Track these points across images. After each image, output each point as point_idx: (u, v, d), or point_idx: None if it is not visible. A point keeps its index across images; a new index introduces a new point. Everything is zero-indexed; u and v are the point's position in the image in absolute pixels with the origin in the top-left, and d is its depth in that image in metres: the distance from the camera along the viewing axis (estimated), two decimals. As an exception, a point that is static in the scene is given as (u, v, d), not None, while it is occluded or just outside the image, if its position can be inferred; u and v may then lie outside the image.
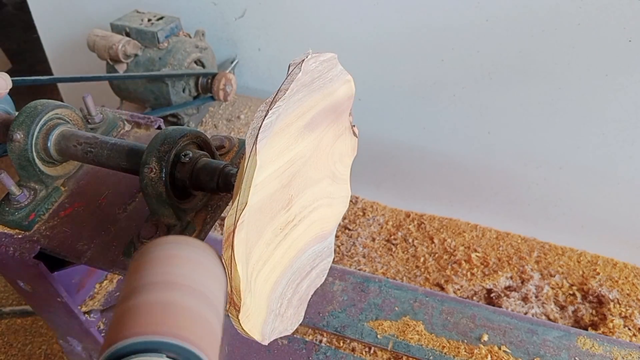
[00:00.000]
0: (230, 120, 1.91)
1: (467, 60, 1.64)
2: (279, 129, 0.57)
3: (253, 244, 0.56)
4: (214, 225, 0.79)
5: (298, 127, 0.63)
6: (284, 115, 0.57)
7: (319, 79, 0.66)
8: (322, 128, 0.71)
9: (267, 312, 0.61)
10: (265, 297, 0.60)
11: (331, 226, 0.78)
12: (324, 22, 1.77)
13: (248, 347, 1.12)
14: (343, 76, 0.73)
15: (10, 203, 0.81)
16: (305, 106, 0.64)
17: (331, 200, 0.77)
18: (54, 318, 1.01)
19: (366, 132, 1.06)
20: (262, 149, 0.53)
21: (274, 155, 0.58)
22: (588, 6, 1.40)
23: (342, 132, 0.79)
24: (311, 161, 0.69)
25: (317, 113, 0.68)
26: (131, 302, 0.49)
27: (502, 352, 0.99)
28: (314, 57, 0.63)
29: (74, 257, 0.77)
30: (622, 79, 1.48)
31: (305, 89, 0.63)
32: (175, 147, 0.70)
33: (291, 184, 0.64)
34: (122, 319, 0.48)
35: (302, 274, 0.68)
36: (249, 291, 0.56)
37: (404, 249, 1.91)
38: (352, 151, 0.84)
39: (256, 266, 0.58)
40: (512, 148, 1.78)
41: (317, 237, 0.72)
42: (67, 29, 2.23)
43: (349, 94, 0.77)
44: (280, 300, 0.63)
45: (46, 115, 0.78)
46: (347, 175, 0.84)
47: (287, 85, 0.57)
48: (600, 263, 1.82)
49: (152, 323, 0.47)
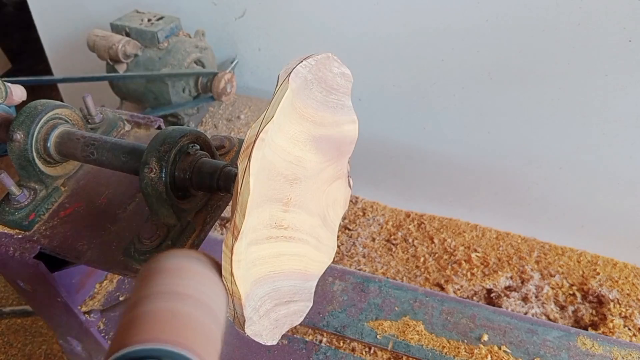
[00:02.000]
0: (230, 120, 1.91)
1: (467, 60, 1.64)
2: (299, 103, 0.60)
3: (255, 200, 0.56)
4: (214, 225, 0.79)
5: (308, 131, 0.65)
6: (304, 96, 0.61)
7: (335, 92, 0.69)
8: (326, 158, 0.72)
9: (248, 294, 0.60)
10: (249, 280, 0.59)
11: (314, 271, 0.77)
12: (324, 22, 1.77)
13: (248, 347, 1.12)
14: (351, 114, 0.77)
15: (10, 203, 0.81)
16: (315, 111, 0.65)
17: (319, 243, 0.76)
18: (54, 318, 1.01)
19: (366, 132, 1.06)
20: (293, 89, 0.56)
21: (290, 127, 0.60)
22: (588, 6, 1.40)
23: (339, 177, 0.80)
24: (311, 183, 0.69)
25: (325, 137, 0.70)
26: (137, 310, 0.51)
27: (502, 352, 0.99)
28: (337, 60, 0.67)
29: (74, 257, 0.77)
30: (622, 79, 1.48)
31: (323, 90, 0.66)
32: (175, 147, 0.70)
33: (293, 186, 0.64)
34: (127, 326, 0.50)
35: (281, 297, 0.67)
36: (244, 234, 0.55)
37: (404, 249, 1.91)
38: (344, 203, 0.84)
39: (251, 234, 0.58)
40: (512, 148, 1.78)
41: (300, 273, 0.72)
42: (67, 29, 2.23)
43: (352, 137, 0.80)
44: (260, 301, 0.63)
45: (46, 115, 0.78)
46: (336, 226, 0.83)
47: (315, 60, 0.61)
48: (600, 263, 1.82)
49: (155, 331, 0.49)
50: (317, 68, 0.63)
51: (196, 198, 0.76)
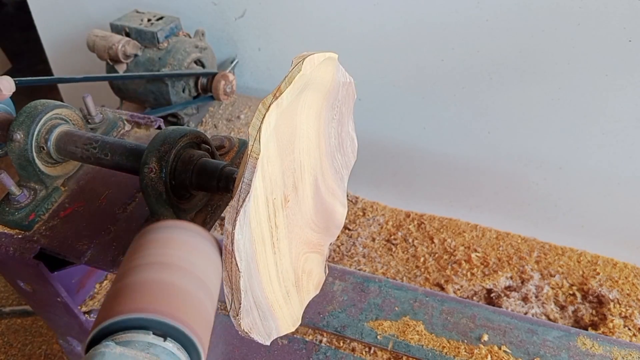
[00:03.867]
0: (230, 120, 1.91)
1: (467, 60, 1.64)
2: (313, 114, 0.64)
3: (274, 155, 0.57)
4: (214, 225, 0.79)
5: (315, 167, 0.69)
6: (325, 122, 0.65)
7: (342, 155, 0.75)
8: (316, 216, 0.73)
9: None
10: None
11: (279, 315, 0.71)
12: (324, 22, 1.77)
13: (248, 347, 1.12)
14: (344, 196, 0.80)
15: (10, 203, 0.81)
16: (326, 156, 0.70)
17: (287, 297, 0.70)
18: (54, 318, 1.01)
19: (366, 132, 1.07)
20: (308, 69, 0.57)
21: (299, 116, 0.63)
22: (588, 6, 1.40)
23: (320, 252, 0.77)
24: (299, 219, 0.68)
25: (322, 196, 0.72)
26: (124, 281, 0.50)
27: (502, 352, 0.99)
28: (352, 121, 0.72)
29: (74, 257, 0.77)
30: (622, 79, 1.48)
31: (337, 140, 0.73)
32: (175, 147, 0.70)
33: (288, 195, 0.64)
34: (113, 297, 0.49)
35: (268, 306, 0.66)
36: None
37: (404, 249, 1.91)
38: (317, 286, 0.80)
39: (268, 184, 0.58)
40: (512, 148, 1.78)
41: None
42: (67, 29, 2.23)
43: (339, 222, 0.82)
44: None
45: (46, 115, 0.78)
46: (304, 302, 0.76)
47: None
48: (600, 263, 1.82)
49: (141, 301, 0.47)
50: (343, 113, 0.64)
51: (196, 198, 0.76)
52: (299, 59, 0.56)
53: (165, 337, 0.45)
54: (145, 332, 0.45)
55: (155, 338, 0.45)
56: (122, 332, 0.45)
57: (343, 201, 0.82)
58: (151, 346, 0.44)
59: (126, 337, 0.44)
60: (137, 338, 0.44)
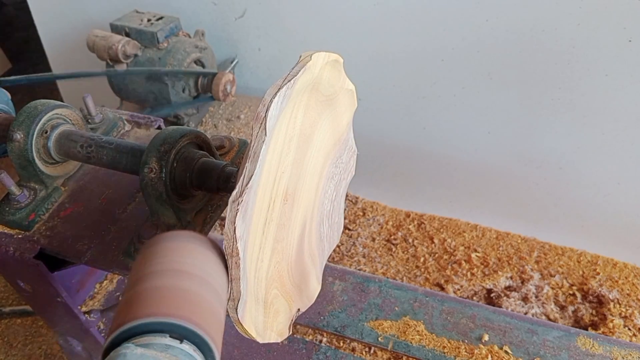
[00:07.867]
0: (230, 120, 1.91)
1: (467, 60, 1.64)
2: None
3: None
4: (214, 225, 0.79)
5: (305, 214, 0.68)
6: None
7: (330, 228, 0.74)
8: (297, 278, 0.72)
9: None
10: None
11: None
12: (324, 22, 1.77)
13: (248, 347, 1.12)
14: (320, 273, 0.79)
15: (10, 203, 0.81)
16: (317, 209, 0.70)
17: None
18: (54, 318, 1.01)
19: (366, 132, 1.07)
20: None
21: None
22: (588, 6, 1.40)
23: (288, 301, 0.72)
24: (285, 243, 0.67)
25: (302, 257, 0.70)
26: (138, 288, 0.51)
27: (503, 352, 0.99)
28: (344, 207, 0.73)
29: (74, 257, 0.77)
30: (622, 79, 1.48)
31: (329, 214, 0.72)
32: (175, 147, 0.70)
33: (288, 197, 0.64)
34: (129, 303, 0.50)
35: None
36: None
37: (404, 249, 1.91)
38: (278, 334, 0.73)
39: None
40: (512, 148, 1.78)
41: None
42: (67, 29, 2.23)
43: (311, 295, 0.79)
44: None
45: (46, 115, 0.78)
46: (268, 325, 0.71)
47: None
48: (600, 263, 1.82)
49: (157, 306, 0.49)
50: (341, 181, 0.65)
51: (196, 198, 0.76)
52: (307, 54, 0.58)
53: (181, 339, 0.47)
54: (162, 335, 0.46)
55: (172, 340, 0.46)
56: (139, 336, 0.46)
57: (319, 276, 0.79)
58: (169, 348, 0.45)
59: (144, 340, 0.45)
60: (155, 341, 0.45)
